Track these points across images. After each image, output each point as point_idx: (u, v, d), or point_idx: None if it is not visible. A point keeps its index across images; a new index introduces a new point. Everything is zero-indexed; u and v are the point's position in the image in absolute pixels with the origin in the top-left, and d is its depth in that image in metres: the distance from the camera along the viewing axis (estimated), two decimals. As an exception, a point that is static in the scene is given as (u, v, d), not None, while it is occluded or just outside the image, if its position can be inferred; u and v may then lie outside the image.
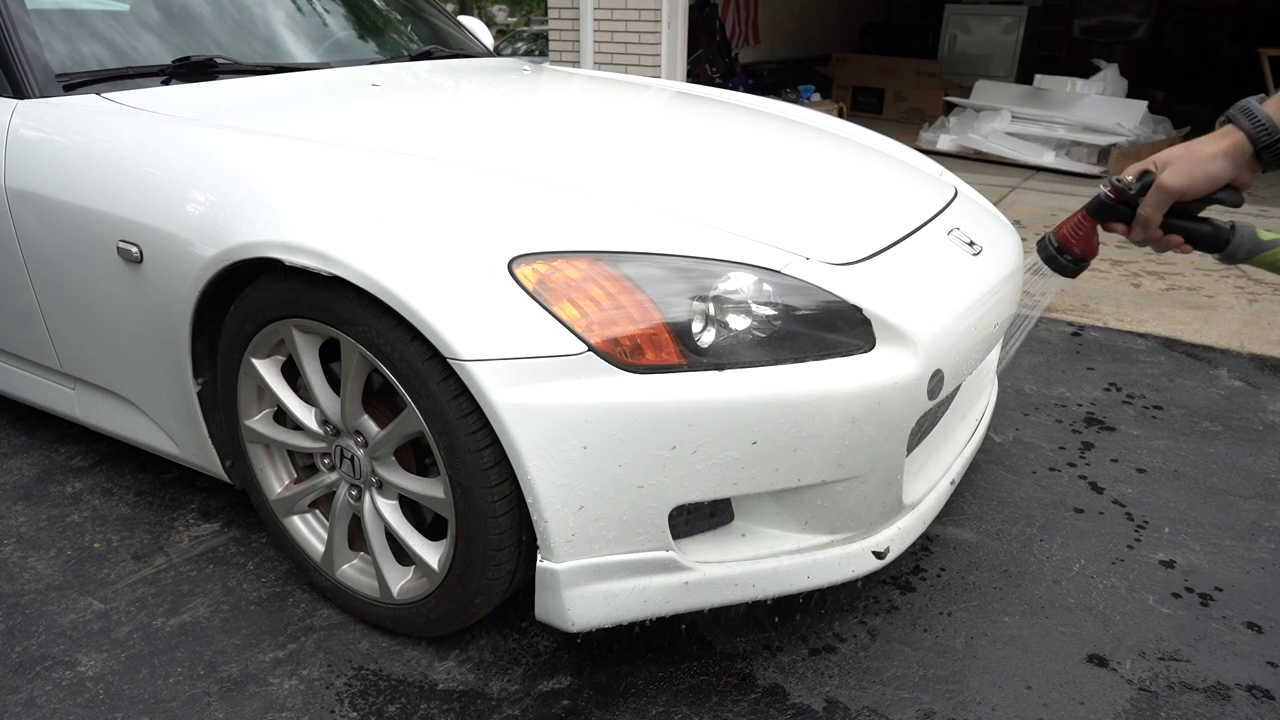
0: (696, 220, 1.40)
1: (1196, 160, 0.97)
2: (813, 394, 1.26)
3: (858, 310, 1.33)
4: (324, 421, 1.49)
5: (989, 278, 1.59)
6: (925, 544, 1.87)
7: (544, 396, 1.20)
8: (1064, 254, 1.10)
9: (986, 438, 2.34)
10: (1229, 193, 0.98)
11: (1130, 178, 1.03)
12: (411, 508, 1.51)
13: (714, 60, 6.86)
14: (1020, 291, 1.75)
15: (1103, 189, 1.05)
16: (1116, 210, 1.05)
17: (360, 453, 1.46)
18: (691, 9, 6.20)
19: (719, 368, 1.25)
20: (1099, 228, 1.08)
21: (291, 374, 1.54)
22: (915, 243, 1.56)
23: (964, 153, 6.29)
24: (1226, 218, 1.05)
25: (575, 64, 6.09)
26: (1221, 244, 1.01)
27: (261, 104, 1.75)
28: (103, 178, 1.57)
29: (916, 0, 9.82)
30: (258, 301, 1.43)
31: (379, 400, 1.45)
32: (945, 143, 6.39)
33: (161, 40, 1.93)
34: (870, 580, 1.75)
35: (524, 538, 1.35)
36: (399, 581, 1.51)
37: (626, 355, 1.22)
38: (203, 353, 1.57)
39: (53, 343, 1.82)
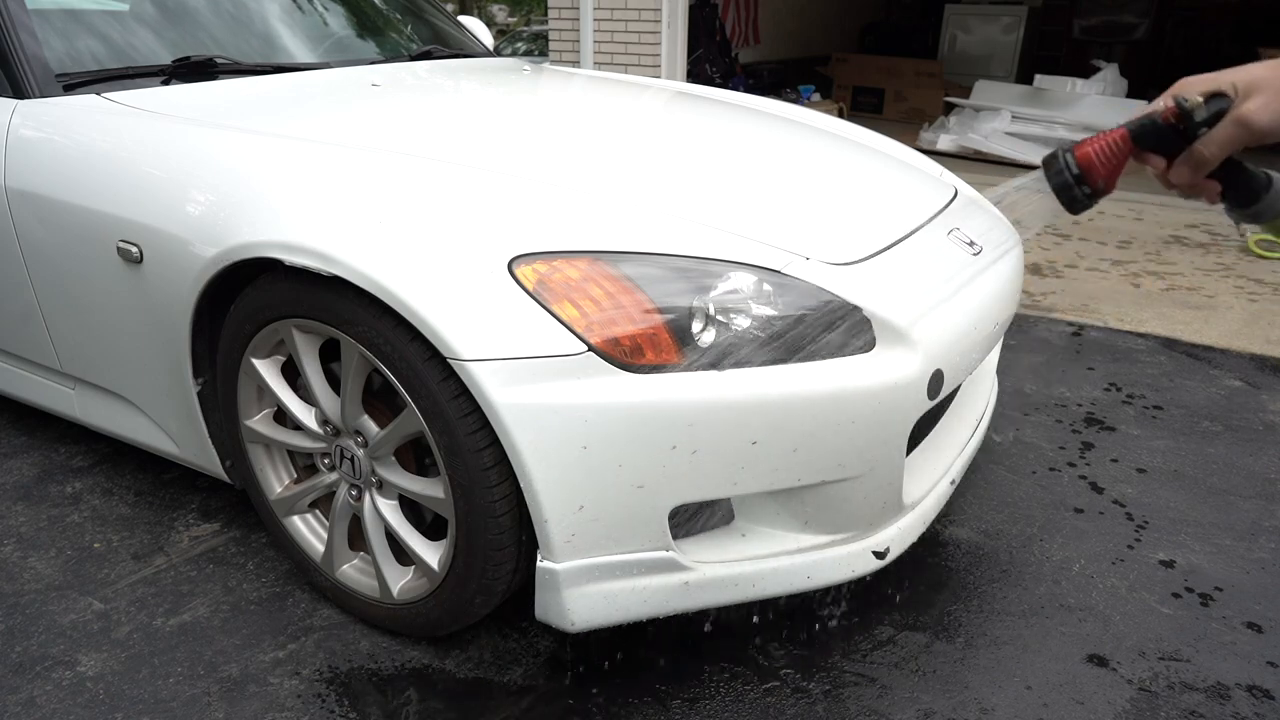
0: (696, 220, 1.40)
1: None
2: (812, 394, 1.26)
3: (858, 310, 1.33)
4: (324, 421, 1.49)
5: (989, 277, 1.59)
6: (925, 544, 1.87)
7: (544, 396, 1.20)
8: (1082, 184, 0.83)
9: (986, 438, 2.34)
10: None
11: (1199, 98, 0.78)
12: (411, 508, 1.51)
13: (714, 60, 6.86)
14: (1020, 290, 1.75)
15: (1160, 106, 0.80)
16: (1165, 138, 0.80)
17: (360, 453, 1.46)
18: (691, 9, 6.20)
19: (719, 368, 1.25)
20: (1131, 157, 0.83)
21: (291, 374, 1.54)
22: (915, 242, 1.56)
23: (964, 153, 6.29)
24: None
25: (575, 64, 6.09)
26: (1254, 198, 0.80)
27: (261, 104, 1.75)
28: (103, 178, 1.57)
29: (916, 0, 9.82)
30: (258, 301, 1.43)
31: (379, 400, 1.45)
32: (945, 143, 6.40)
33: (161, 40, 1.92)
34: (870, 580, 1.75)
35: (524, 538, 1.34)
36: (399, 581, 1.51)
37: (626, 355, 1.22)
38: (203, 353, 1.57)
39: (53, 343, 1.82)
